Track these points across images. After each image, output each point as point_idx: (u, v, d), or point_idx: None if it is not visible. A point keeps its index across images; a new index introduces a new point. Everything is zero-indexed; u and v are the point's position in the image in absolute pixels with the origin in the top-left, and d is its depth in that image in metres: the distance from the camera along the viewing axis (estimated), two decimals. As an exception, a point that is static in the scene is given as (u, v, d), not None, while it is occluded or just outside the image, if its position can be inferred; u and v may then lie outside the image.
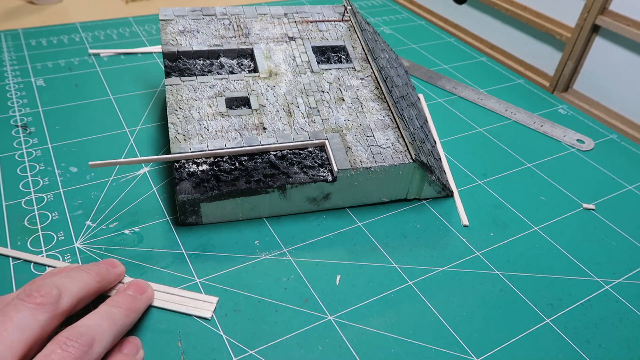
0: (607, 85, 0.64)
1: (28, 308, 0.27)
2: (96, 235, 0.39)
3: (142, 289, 0.34)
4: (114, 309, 0.30)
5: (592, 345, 0.35)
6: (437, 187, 0.44)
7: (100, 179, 0.44)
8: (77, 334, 0.27)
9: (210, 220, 0.41)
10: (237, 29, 0.50)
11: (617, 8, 0.61)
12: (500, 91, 0.62)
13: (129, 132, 0.50)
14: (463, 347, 0.34)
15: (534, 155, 0.52)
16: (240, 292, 0.36)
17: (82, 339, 0.27)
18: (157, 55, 0.64)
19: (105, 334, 0.28)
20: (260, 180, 0.39)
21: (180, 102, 0.43)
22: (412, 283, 0.37)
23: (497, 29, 0.77)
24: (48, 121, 0.51)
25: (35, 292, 0.28)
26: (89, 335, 0.27)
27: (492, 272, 0.39)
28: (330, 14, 0.54)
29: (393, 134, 0.43)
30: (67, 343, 0.26)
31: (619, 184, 0.49)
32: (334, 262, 0.39)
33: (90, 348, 0.27)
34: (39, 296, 0.28)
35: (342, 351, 0.33)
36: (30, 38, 0.66)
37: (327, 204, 0.42)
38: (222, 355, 0.32)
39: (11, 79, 0.57)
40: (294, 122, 0.43)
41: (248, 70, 0.48)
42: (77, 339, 0.27)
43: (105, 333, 0.28)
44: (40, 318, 0.27)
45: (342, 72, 0.48)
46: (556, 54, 0.69)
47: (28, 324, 0.27)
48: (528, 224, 0.43)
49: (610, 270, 0.40)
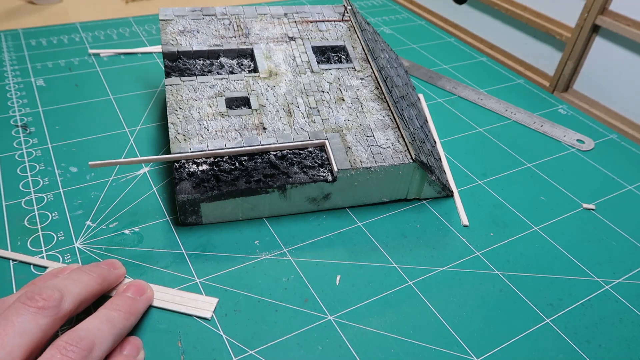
0: (607, 85, 0.64)
1: (29, 312, 0.27)
2: (96, 235, 0.39)
3: (142, 290, 0.34)
4: (114, 312, 0.30)
5: (592, 345, 0.35)
6: (437, 187, 0.44)
7: (100, 179, 0.44)
8: (77, 339, 0.27)
9: (210, 220, 0.41)
10: (237, 29, 0.50)
11: (617, 8, 0.61)
12: (500, 91, 0.62)
13: (129, 132, 0.50)
14: (463, 347, 0.34)
15: (534, 155, 0.52)
16: (240, 292, 0.36)
17: (82, 343, 0.27)
18: (157, 55, 0.64)
19: (104, 338, 0.28)
20: (260, 180, 0.39)
21: (180, 102, 0.43)
22: (412, 283, 0.37)
23: (497, 29, 0.77)
24: (48, 121, 0.51)
25: (37, 295, 0.28)
26: (89, 339, 0.27)
27: (492, 272, 0.39)
28: (330, 14, 0.54)
29: (393, 134, 0.43)
30: (67, 348, 0.26)
31: (619, 184, 0.49)
32: (334, 262, 0.39)
33: (89, 352, 0.27)
34: (40, 299, 0.28)
35: (342, 351, 0.33)
36: (30, 38, 0.66)
37: (327, 204, 0.42)
38: (222, 355, 0.32)
39: (11, 79, 0.57)
40: (294, 122, 0.43)
41: (248, 70, 0.48)
42: (77, 343, 0.27)
43: (105, 337, 0.28)
44: (41, 322, 0.27)
45: (342, 72, 0.48)
46: (556, 54, 0.69)
47: (29, 329, 0.27)
48: (528, 224, 0.43)
49: (610, 270, 0.40)
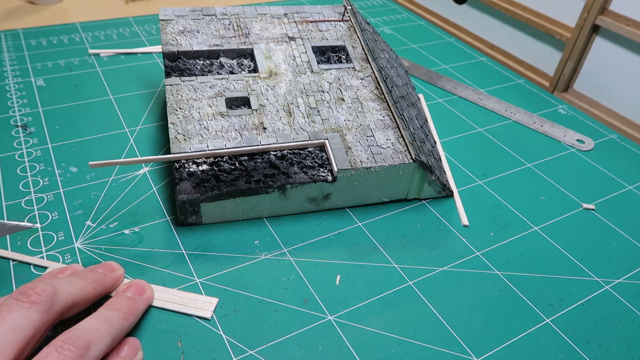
0: (607, 85, 0.64)
1: (22, 307, 0.27)
2: (96, 235, 0.39)
3: (142, 289, 0.34)
4: (112, 312, 0.30)
5: (592, 345, 0.35)
6: (437, 187, 0.44)
7: (100, 179, 0.44)
8: (74, 337, 0.27)
9: (210, 220, 0.41)
10: (237, 29, 0.50)
11: (617, 8, 0.61)
12: (500, 91, 0.62)
13: (129, 132, 0.50)
14: (463, 347, 0.34)
15: (534, 155, 0.52)
16: (240, 292, 0.36)
17: (79, 342, 0.27)
18: (157, 55, 0.64)
19: (102, 337, 0.28)
20: (260, 180, 0.39)
21: (180, 102, 0.43)
22: (412, 283, 0.37)
23: (497, 29, 0.77)
24: (48, 121, 0.51)
25: (30, 289, 0.28)
26: (86, 338, 0.27)
27: (492, 272, 0.39)
28: (330, 14, 0.54)
29: (393, 134, 0.43)
30: (63, 346, 0.26)
31: (619, 184, 0.49)
32: (334, 262, 0.39)
33: (86, 351, 0.27)
34: (33, 294, 0.28)
35: (342, 351, 0.33)
36: (30, 38, 0.66)
37: (327, 204, 0.42)
38: (222, 355, 0.32)
39: (11, 79, 0.57)
40: (294, 122, 0.43)
41: (248, 70, 0.48)
42: (74, 342, 0.27)
43: (103, 336, 0.28)
44: (33, 318, 0.27)
45: (342, 72, 0.48)
46: (556, 54, 0.69)
47: (21, 325, 0.26)
48: (528, 224, 0.43)
49: (610, 270, 0.40)
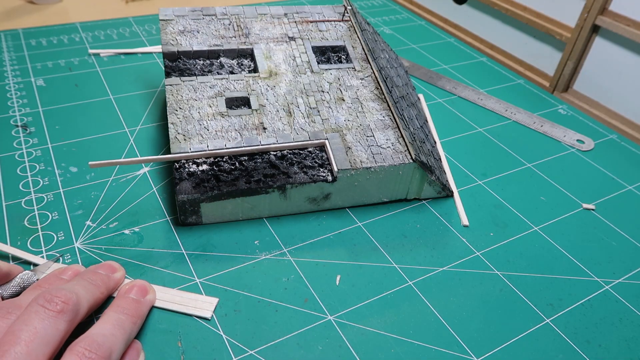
0: (607, 85, 0.64)
1: (50, 316, 0.27)
2: (96, 235, 0.39)
3: (145, 290, 0.34)
4: (122, 316, 0.30)
5: (592, 345, 0.35)
6: (437, 187, 0.44)
7: (100, 179, 0.44)
8: (96, 345, 0.27)
9: (210, 220, 0.41)
10: (237, 29, 0.50)
11: (617, 8, 0.61)
12: (500, 91, 0.62)
13: (129, 132, 0.50)
14: (463, 347, 0.34)
15: (534, 155, 0.52)
16: (240, 292, 0.36)
17: (101, 350, 0.27)
18: (157, 55, 0.64)
19: (119, 344, 0.28)
20: (260, 180, 0.39)
21: (180, 102, 0.43)
22: (412, 283, 0.37)
23: (497, 29, 0.77)
24: (48, 121, 0.51)
25: (56, 297, 0.28)
26: (107, 346, 0.27)
27: (492, 272, 0.39)
28: (330, 14, 0.54)
29: (393, 134, 0.43)
30: (86, 355, 0.26)
31: (619, 184, 0.49)
32: (334, 262, 0.39)
33: (108, 359, 0.27)
34: (60, 302, 0.28)
35: (342, 351, 0.33)
36: (30, 38, 0.66)
37: (327, 204, 0.42)
38: (222, 355, 0.32)
39: (11, 79, 0.57)
40: (294, 122, 0.43)
41: (248, 70, 0.48)
42: (97, 350, 0.27)
43: (119, 342, 0.28)
44: (61, 328, 0.27)
45: (342, 72, 0.48)
46: (556, 54, 0.69)
47: (52, 336, 0.26)
48: (528, 224, 0.43)
49: (610, 270, 0.40)
